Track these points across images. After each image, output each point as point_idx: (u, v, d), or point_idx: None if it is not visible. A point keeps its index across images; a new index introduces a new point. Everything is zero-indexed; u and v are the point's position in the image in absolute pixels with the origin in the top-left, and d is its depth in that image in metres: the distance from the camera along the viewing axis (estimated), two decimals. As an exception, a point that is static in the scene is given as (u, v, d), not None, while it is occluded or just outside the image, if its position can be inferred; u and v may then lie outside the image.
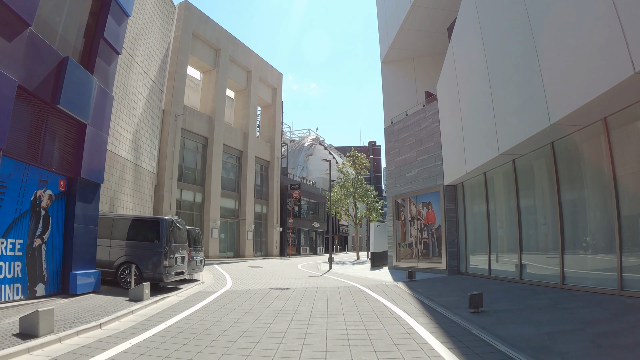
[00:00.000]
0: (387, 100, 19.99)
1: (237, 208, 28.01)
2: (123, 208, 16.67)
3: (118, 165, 16.33)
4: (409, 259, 15.30)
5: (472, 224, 12.79)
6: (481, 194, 12.01)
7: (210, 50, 26.57)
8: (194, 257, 11.96)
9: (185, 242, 10.64)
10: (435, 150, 14.24)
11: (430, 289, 9.72)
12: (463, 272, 13.00)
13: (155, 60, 20.09)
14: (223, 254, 25.98)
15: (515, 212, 9.99)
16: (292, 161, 52.36)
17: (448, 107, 13.34)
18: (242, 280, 12.17)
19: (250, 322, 5.96)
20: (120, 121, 16.38)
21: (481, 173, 11.73)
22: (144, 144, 19.00)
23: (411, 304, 7.53)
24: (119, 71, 16.17)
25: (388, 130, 17.67)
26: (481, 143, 10.67)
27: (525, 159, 9.71)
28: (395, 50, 20.08)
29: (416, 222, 14.98)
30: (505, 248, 10.92)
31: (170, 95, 22.74)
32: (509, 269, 10.52)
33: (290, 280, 12.19)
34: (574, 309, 6.25)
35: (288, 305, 7.53)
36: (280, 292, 9.30)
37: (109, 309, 6.66)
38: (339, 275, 14.09)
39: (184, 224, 10.83)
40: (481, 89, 10.42)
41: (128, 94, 17.25)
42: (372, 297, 8.48)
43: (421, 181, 14.87)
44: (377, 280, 12.04)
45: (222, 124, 26.30)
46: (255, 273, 15.03)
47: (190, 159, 24.66)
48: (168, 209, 21.51)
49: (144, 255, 9.58)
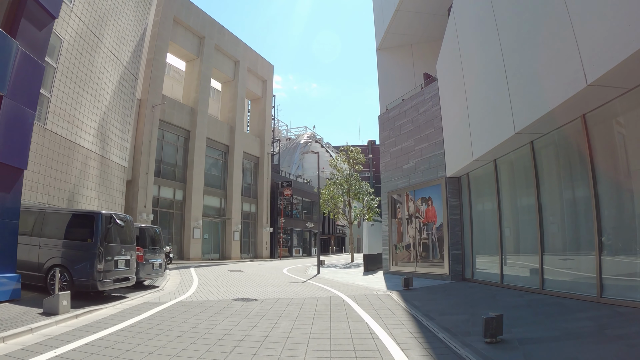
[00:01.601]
0: (382, 88, 18.16)
1: (222, 207, 26.12)
2: (85, 204, 14.79)
3: (79, 157, 14.47)
4: (406, 262, 13.41)
5: (479, 222, 10.92)
6: (491, 187, 10.13)
7: (193, 37, 24.74)
8: (149, 260, 10.08)
9: (131, 242, 8.76)
10: (436, 137, 12.37)
11: (430, 302, 7.84)
12: (469, 278, 11.11)
13: (127, 45, 18.25)
14: (206, 256, 24.08)
15: (535, 207, 8.09)
16: (287, 159, 50.49)
17: (450, 86, 11.48)
18: (209, 288, 10.30)
19: (170, 356, 4.10)
20: (82, 107, 14.52)
21: (491, 161, 9.85)
22: (114, 135, 17.13)
23: (404, 326, 5.64)
24: (82, 52, 14.38)
25: (382, 118, 15.81)
26: (491, 122, 8.80)
27: (547, 139, 7.83)
28: (392, 36, 18.29)
29: (414, 220, 13.10)
30: (521, 250, 9.03)
31: (148, 84, 20.90)
32: (527, 275, 8.64)
33: (264, 289, 10.31)
34: (632, 337, 4.38)
35: (241, 325, 5.65)
36: (241, 306, 7.42)
37: (6, 324, 4.94)
38: (326, 282, 12.21)
39: (130, 220, 8.95)
40: (490, 56, 8.57)
41: (93, 78, 15.39)
42: (356, 314, 6.59)
43: (420, 173, 13.00)
44: (368, 289, 10.15)
45: (205, 116, 24.43)
46: (230, 278, 13.15)
47: (170, 153, 22.78)
48: (143, 207, 19.64)
49: (75, 257, 7.74)
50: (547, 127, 7.41)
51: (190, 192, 22.75)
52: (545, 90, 6.56)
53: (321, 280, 12.90)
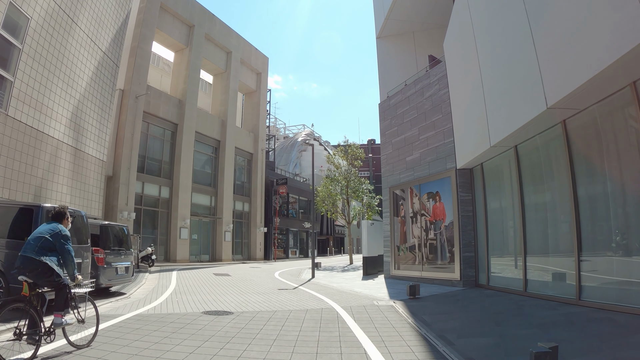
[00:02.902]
0: (382, 77, 16.72)
1: (212, 205, 24.64)
2: (56, 200, 13.35)
3: (48, 148, 13.06)
4: (410, 265, 11.96)
5: (496, 219, 9.48)
6: (510, 177, 8.70)
7: (182, 26, 23.30)
8: (111, 264, 8.63)
9: (84, 242, 7.31)
10: (444, 124, 10.94)
11: (444, 317, 6.39)
12: (483, 284, 9.67)
13: (107, 30, 16.83)
14: (195, 258, 22.59)
15: (570, 200, 6.66)
16: (285, 157, 49.07)
17: (461, 64, 10.06)
18: (183, 296, 8.84)
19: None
20: (51, 93, 13.10)
21: (511, 147, 8.42)
22: (90, 126, 15.70)
23: (414, 354, 4.20)
24: (53, 33, 12.99)
25: (383, 106, 14.37)
26: (514, 99, 7.37)
27: (585, 116, 6.40)
28: (392, 22, 16.90)
29: (420, 218, 11.65)
30: (550, 252, 7.59)
31: (131, 74, 19.45)
32: (559, 282, 7.20)
33: (246, 297, 8.86)
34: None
35: (198, 353, 4.21)
36: (210, 321, 5.97)
37: None
38: (319, 288, 10.76)
39: (83, 216, 7.49)
40: (512, 23, 7.16)
41: (66, 63, 13.96)
42: (351, 334, 5.14)
43: (426, 165, 11.55)
44: (367, 297, 8.69)
45: (194, 109, 22.97)
46: (213, 284, 11.70)
47: (155, 148, 21.31)
48: (125, 205, 18.18)
49: (12, 259, 6.29)
50: (588, 99, 5.98)
51: (177, 189, 21.28)
52: (587, 56, 5.13)
53: (314, 286, 11.45)
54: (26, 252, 4.07)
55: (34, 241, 4.15)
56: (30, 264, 4.01)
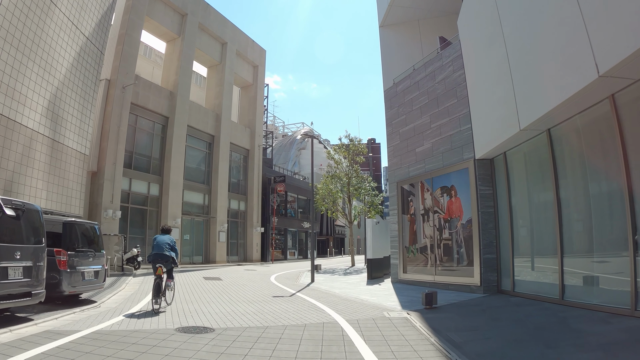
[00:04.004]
0: (386, 65, 15.53)
1: (206, 204, 23.36)
2: (29, 196, 12.12)
3: (20, 138, 11.84)
4: (421, 268, 10.73)
5: (523, 215, 8.26)
6: (542, 167, 7.49)
7: (174, 14, 22.05)
8: (77, 268, 7.38)
9: (40, 243, 6.07)
10: (460, 109, 9.73)
11: (474, 334, 5.17)
12: (507, 290, 8.44)
13: (91, 14, 15.60)
14: (187, 260, 21.33)
15: (625, 193, 5.45)
16: (283, 156, 47.83)
17: (480, 41, 8.85)
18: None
19: None
20: (24, 78, 11.89)
21: (543, 131, 7.20)
22: (70, 117, 14.46)
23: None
24: (28, 13, 11.80)
25: (389, 93, 13.16)
26: (551, 72, 6.16)
27: (638, 89, 5.21)
28: (396, 9, 15.77)
29: (432, 216, 10.43)
30: (595, 254, 6.37)
31: (118, 62, 18.21)
32: (607, 289, 6.00)
33: (235, 307, 7.62)
34: None
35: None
36: (184, 342, 4.75)
37: None
38: (320, 295, 9.53)
39: (36, 211, 6.23)
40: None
41: (42, 47, 12.74)
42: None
43: (439, 156, 10.33)
44: (375, 307, 7.46)
45: (186, 102, 21.71)
46: (200, 290, 10.47)
47: (144, 142, 20.02)
48: (109, 202, 16.93)
49: None
50: None
51: (167, 186, 20.00)
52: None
53: (314, 292, 10.22)
54: None
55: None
56: None
